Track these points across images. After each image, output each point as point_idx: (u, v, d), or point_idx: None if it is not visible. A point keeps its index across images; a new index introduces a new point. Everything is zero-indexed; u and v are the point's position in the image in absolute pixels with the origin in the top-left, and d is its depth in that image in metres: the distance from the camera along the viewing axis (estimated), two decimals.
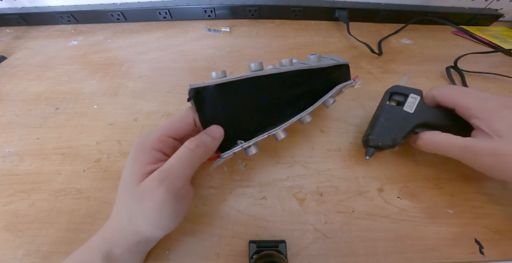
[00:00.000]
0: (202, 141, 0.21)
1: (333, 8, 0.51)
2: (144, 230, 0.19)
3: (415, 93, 0.27)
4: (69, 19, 0.52)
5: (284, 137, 0.24)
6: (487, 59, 0.43)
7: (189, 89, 0.20)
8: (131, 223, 0.19)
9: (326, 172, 0.28)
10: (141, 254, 0.21)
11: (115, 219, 0.20)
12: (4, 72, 0.41)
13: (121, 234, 0.20)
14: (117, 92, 0.37)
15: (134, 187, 0.19)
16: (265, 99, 0.23)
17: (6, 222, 0.24)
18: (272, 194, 0.26)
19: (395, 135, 0.26)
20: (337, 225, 0.24)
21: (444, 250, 0.23)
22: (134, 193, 0.19)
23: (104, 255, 0.19)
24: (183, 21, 0.53)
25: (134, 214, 0.19)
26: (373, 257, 0.22)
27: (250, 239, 0.23)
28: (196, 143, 0.20)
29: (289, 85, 0.24)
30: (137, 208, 0.19)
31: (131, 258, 0.20)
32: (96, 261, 0.19)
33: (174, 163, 0.19)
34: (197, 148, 0.20)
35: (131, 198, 0.19)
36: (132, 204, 0.19)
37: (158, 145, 0.21)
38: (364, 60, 0.43)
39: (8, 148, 0.30)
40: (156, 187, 0.18)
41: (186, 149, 0.20)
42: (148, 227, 0.19)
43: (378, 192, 0.26)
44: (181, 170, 0.19)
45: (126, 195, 0.20)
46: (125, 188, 0.20)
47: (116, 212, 0.20)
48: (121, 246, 0.19)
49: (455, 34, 0.50)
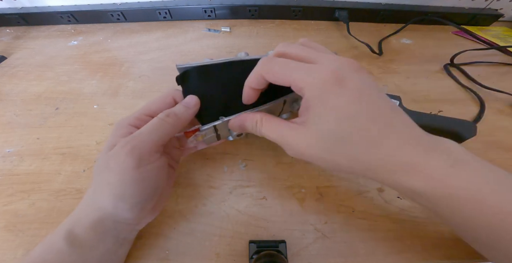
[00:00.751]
0: (173, 110, 0.21)
1: (333, 8, 0.51)
2: (106, 203, 0.18)
3: (394, 98, 0.31)
4: (69, 19, 0.52)
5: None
6: (485, 58, 0.43)
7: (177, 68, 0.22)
8: (94, 196, 0.19)
9: (326, 172, 0.28)
10: (111, 237, 0.19)
11: (83, 198, 0.20)
12: (4, 72, 0.41)
13: (83, 210, 0.19)
14: (117, 92, 0.37)
15: (103, 156, 0.19)
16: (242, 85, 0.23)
17: (6, 222, 0.24)
18: (272, 194, 0.26)
19: None
20: (337, 225, 0.24)
21: (444, 250, 0.23)
22: (102, 162, 0.19)
23: (65, 234, 0.18)
24: (183, 21, 0.53)
25: (98, 184, 0.19)
26: (373, 257, 0.22)
27: (250, 239, 0.23)
28: (166, 113, 0.21)
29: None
30: (101, 177, 0.19)
31: (98, 239, 0.19)
32: (58, 241, 0.18)
33: (142, 130, 0.20)
34: (166, 117, 0.20)
35: (98, 169, 0.19)
36: (98, 174, 0.19)
37: (134, 122, 0.21)
38: (364, 60, 0.43)
39: (8, 148, 0.30)
40: (118, 151, 0.18)
41: (156, 118, 0.20)
42: (109, 198, 0.18)
43: (378, 192, 0.26)
44: (147, 136, 0.19)
45: (95, 168, 0.20)
46: (97, 161, 0.20)
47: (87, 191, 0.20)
48: (83, 224, 0.18)
49: (456, 34, 0.50)
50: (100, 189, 0.19)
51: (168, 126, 0.20)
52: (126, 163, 0.18)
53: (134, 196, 0.19)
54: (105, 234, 0.19)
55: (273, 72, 0.18)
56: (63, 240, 0.18)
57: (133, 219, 0.20)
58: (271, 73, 0.18)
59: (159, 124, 0.20)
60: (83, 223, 0.19)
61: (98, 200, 0.19)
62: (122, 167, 0.18)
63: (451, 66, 0.41)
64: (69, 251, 0.18)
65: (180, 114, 0.21)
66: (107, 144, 0.20)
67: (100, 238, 0.19)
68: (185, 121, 0.22)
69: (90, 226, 0.18)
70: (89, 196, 0.20)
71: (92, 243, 0.18)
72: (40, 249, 0.18)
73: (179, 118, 0.21)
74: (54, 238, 0.18)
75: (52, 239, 0.18)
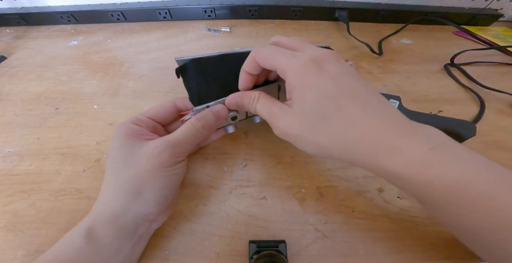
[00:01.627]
0: (207, 121, 0.22)
1: (333, 8, 0.51)
2: (128, 197, 0.19)
3: (394, 98, 0.31)
4: (69, 19, 0.52)
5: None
6: (485, 58, 0.43)
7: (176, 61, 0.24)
8: (115, 191, 0.19)
9: (326, 172, 0.28)
10: (129, 234, 0.19)
11: (100, 194, 0.21)
12: (4, 72, 0.41)
13: (103, 206, 0.19)
14: (117, 92, 0.37)
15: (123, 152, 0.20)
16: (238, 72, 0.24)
17: (6, 222, 0.24)
18: (272, 194, 0.26)
19: None
20: (337, 225, 0.24)
21: (444, 250, 0.22)
22: (123, 157, 0.20)
23: (85, 230, 0.18)
24: (183, 21, 0.53)
25: (119, 179, 0.20)
26: (373, 257, 0.22)
27: (250, 239, 0.23)
28: (202, 124, 0.22)
29: None
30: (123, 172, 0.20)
31: (116, 235, 0.19)
32: (77, 238, 0.18)
33: (179, 136, 0.21)
34: (202, 128, 0.22)
35: (117, 164, 0.20)
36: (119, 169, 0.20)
37: (135, 122, 0.23)
38: (364, 60, 0.43)
39: (8, 148, 0.30)
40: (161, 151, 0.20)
41: (192, 127, 0.22)
42: (132, 192, 0.19)
43: (378, 192, 0.26)
44: (184, 144, 0.21)
45: (112, 164, 0.21)
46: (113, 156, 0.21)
47: (102, 186, 0.21)
48: (103, 220, 0.19)
49: (456, 34, 0.50)
50: (124, 182, 0.19)
51: (201, 136, 0.22)
52: (158, 160, 0.19)
53: (158, 191, 0.20)
54: (123, 230, 0.19)
55: (263, 56, 0.20)
56: (82, 237, 0.18)
57: (152, 215, 0.21)
58: (262, 58, 0.20)
59: (194, 134, 0.22)
60: (103, 219, 0.19)
61: (121, 194, 0.19)
62: (152, 164, 0.19)
63: (451, 66, 0.41)
64: (86, 248, 0.18)
65: (213, 126, 0.23)
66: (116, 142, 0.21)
67: (118, 234, 0.19)
68: (213, 131, 0.24)
69: (109, 220, 0.19)
70: (109, 190, 0.20)
71: (110, 240, 0.18)
72: (59, 246, 0.19)
73: (211, 129, 0.23)
74: (74, 235, 0.19)
75: (72, 236, 0.19)
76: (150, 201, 0.20)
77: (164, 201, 0.21)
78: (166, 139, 0.21)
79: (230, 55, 0.25)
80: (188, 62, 0.24)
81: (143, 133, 0.22)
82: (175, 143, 0.21)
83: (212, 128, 0.23)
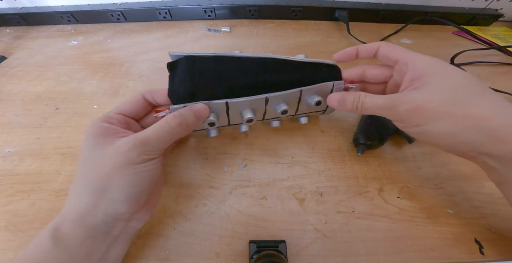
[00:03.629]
0: (185, 120, 0.21)
1: (333, 8, 0.51)
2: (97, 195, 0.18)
3: None
4: (69, 19, 0.52)
5: (247, 117, 0.24)
6: (485, 58, 0.43)
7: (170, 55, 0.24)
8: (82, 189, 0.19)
9: (326, 172, 0.28)
10: (101, 234, 0.18)
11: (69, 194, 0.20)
12: (4, 72, 0.41)
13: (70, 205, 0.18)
14: (117, 92, 0.37)
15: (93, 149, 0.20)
16: (234, 76, 0.24)
17: (6, 222, 0.24)
18: (272, 194, 0.26)
19: (381, 133, 0.28)
20: (337, 225, 0.24)
21: (444, 250, 0.23)
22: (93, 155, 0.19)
23: (50, 232, 0.17)
24: (183, 21, 0.53)
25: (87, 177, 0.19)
26: (373, 257, 0.22)
27: (250, 239, 0.23)
28: (179, 122, 0.21)
29: (264, 69, 0.24)
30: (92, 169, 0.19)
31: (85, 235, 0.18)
32: (44, 241, 0.17)
33: (151, 133, 0.20)
34: (178, 126, 0.21)
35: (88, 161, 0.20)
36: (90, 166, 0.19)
37: (106, 120, 0.22)
38: (364, 60, 0.43)
39: (8, 148, 0.30)
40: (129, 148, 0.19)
41: (166, 124, 0.20)
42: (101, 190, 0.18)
43: (378, 192, 0.26)
44: (155, 142, 0.20)
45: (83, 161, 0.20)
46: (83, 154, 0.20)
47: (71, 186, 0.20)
48: (70, 220, 0.18)
49: (456, 34, 0.50)
50: (91, 181, 0.18)
51: (176, 135, 0.21)
52: (126, 157, 0.19)
53: (126, 189, 0.19)
54: (94, 230, 0.18)
55: (391, 48, 0.24)
56: (49, 239, 0.17)
57: (123, 214, 0.19)
58: (389, 48, 0.24)
59: (169, 133, 0.21)
60: (70, 219, 0.18)
61: (87, 193, 0.18)
62: (120, 161, 0.18)
63: None
64: (54, 250, 0.17)
65: (191, 125, 0.22)
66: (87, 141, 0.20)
67: (88, 235, 0.18)
68: (191, 130, 0.22)
69: (76, 221, 0.18)
70: (75, 190, 0.19)
71: (79, 241, 0.18)
72: (29, 251, 0.18)
73: (188, 128, 0.22)
74: (42, 238, 0.18)
75: (39, 238, 0.18)
76: (118, 199, 0.19)
77: (135, 199, 0.19)
78: (136, 136, 0.20)
79: (226, 57, 0.24)
80: (182, 57, 0.24)
81: (115, 130, 0.21)
82: (144, 140, 0.19)
83: (190, 128, 0.22)
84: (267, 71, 0.24)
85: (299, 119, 0.29)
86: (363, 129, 0.29)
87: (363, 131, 0.29)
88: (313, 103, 0.25)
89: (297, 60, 0.25)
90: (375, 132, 0.28)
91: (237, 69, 0.24)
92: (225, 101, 0.23)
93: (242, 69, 0.24)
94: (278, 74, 0.24)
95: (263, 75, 0.24)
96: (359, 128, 0.29)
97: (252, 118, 0.24)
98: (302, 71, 0.25)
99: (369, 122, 0.29)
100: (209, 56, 0.24)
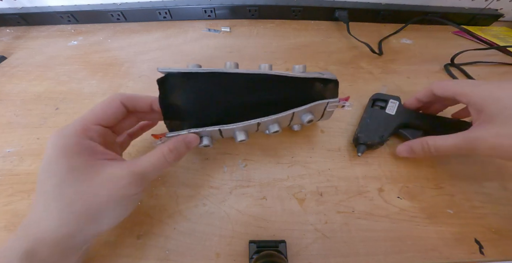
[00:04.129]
0: (178, 151, 0.21)
1: (333, 8, 0.51)
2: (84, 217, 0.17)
3: (394, 99, 0.31)
4: (69, 19, 0.52)
5: (240, 139, 0.24)
6: (485, 58, 0.43)
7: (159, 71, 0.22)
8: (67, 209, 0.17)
9: (326, 172, 0.28)
10: (76, 251, 0.18)
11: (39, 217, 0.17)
12: (4, 72, 0.41)
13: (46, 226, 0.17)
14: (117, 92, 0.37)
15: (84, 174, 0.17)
16: (227, 96, 0.23)
17: (6, 222, 0.24)
18: (272, 194, 0.26)
19: (381, 133, 0.28)
20: (337, 225, 0.24)
21: (444, 250, 0.23)
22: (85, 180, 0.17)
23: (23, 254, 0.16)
24: (183, 21, 0.53)
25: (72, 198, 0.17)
26: (373, 257, 0.22)
27: (250, 239, 0.23)
28: (174, 156, 0.21)
29: (257, 88, 0.23)
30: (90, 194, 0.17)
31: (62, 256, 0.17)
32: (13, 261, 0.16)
33: (148, 167, 0.20)
34: (173, 160, 0.21)
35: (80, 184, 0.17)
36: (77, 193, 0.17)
37: (86, 133, 0.19)
38: (364, 60, 0.43)
39: (8, 148, 0.30)
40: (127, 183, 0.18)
41: (163, 159, 0.20)
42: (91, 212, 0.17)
43: (378, 192, 0.26)
44: (152, 175, 0.20)
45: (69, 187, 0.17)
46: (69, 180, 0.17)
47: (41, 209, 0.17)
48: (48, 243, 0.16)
49: (456, 34, 0.50)
50: (77, 207, 0.17)
51: (168, 165, 0.21)
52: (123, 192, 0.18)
53: (118, 216, 0.19)
54: (71, 249, 0.18)
55: (444, 86, 0.25)
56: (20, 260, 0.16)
57: (104, 232, 0.20)
58: (441, 88, 0.26)
59: (163, 164, 0.20)
60: (48, 244, 0.16)
61: (72, 218, 0.17)
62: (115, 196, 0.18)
63: (451, 66, 0.41)
64: None
65: (181, 154, 0.22)
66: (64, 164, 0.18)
67: (64, 253, 0.17)
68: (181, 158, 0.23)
69: (56, 245, 0.17)
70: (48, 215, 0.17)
71: (55, 259, 0.17)
72: None
73: (179, 157, 0.22)
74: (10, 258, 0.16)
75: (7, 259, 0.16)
76: (106, 223, 0.19)
77: (121, 220, 0.20)
78: (132, 170, 0.19)
79: (219, 74, 0.23)
80: (173, 74, 0.22)
81: (96, 150, 0.19)
82: (143, 175, 0.19)
83: (180, 157, 0.22)
84: (262, 90, 0.23)
85: (293, 127, 0.29)
86: (363, 129, 0.29)
87: (363, 131, 0.29)
88: (305, 121, 0.25)
89: (293, 76, 0.24)
90: (375, 132, 0.28)
91: (231, 89, 0.23)
92: (218, 128, 0.23)
93: (236, 88, 0.23)
94: (272, 93, 0.24)
95: (258, 94, 0.23)
96: (359, 129, 0.30)
97: (245, 139, 0.24)
98: (298, 87, 0.24)
99: (369, 122, 0.30)
100: (202, 72, 0.22)
